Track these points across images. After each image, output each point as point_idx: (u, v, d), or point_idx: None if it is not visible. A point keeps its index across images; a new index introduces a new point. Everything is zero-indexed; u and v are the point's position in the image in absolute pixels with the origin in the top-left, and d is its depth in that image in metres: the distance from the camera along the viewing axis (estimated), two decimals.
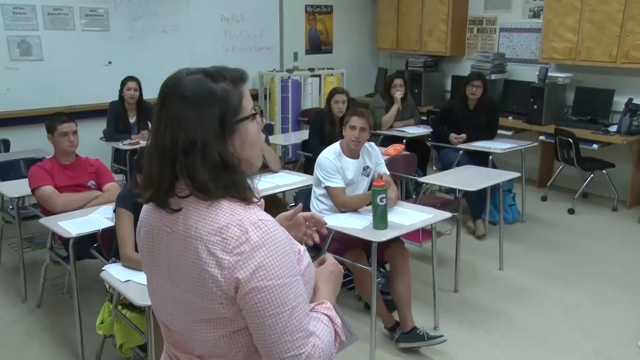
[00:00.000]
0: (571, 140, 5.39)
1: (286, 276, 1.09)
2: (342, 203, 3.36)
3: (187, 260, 1.12)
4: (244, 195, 1.14)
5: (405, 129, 5.59)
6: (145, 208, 1.25)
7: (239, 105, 1.16)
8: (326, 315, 1.23)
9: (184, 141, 1.10)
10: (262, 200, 1.22)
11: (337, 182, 3.36)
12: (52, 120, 3.56)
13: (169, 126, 1.13)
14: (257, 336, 1.11)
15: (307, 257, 1.24)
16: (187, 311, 1.16)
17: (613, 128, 5.53)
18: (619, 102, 5.66)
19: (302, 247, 1.26)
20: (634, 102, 5.41)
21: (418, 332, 3.17)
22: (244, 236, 1.07)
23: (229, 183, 1.12)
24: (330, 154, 3.42)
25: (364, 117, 3.38)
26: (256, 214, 1.12)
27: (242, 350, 1.16)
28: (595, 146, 5.46)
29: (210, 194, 1.11)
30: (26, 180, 3.50)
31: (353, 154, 3.49)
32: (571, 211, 5.51)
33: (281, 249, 1.10)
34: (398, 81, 5.57)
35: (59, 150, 3.55)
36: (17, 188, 3.73)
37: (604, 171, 5.58)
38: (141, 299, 2.35)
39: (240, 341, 1.15)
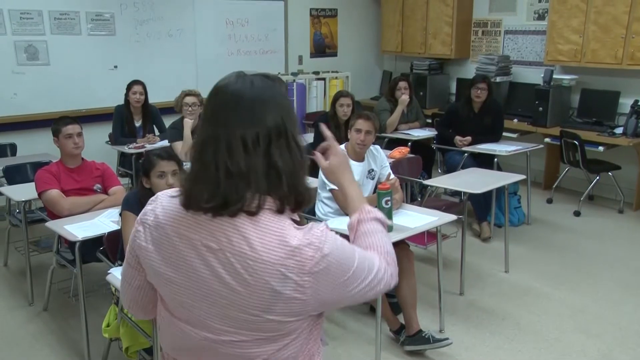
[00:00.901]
0: (577, 143, 5.37)
1: (351, 259, 1.15)
2: (344, 206, 3.35)
3: (251, 284, 1.08)
4: (294, 207, 1.15)
5: (410, 131, 5.59)
6: (170, 213, 1.17)
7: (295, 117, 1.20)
8: (374, 220, 1.30)
9: (255, 146, 1.11)
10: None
11: None
12: (56, 123, 3.59)
13: (243, 132, 1.11)
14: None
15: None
16: (239, 330, 1.13)
17: (619, 130, 5.51)
18: (625, 103, 5.64)
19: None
20: (639, 104, 5.39)
21: (423, 334, 3.17)
22: (318, 254, 1.09)
23: (290, 193, 1.14)
24: None
25: (369, 120, 3.39)
26: (312, 228, 1.13)
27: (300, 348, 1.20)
28: (601, 148, 5.45)
29: (264, 204, 1.10)
30: (33, 184, 3.52)
31: (358, 157, 3.49)
32: (577, 213, 5.49)
33: (340, 243, 1.14)
34: (402, 84, 5.57)
35: (65, 153, 3.57)
36: (24, 192, 3.76)
37: (609, 173, 5.56)
38: None
39: (294, 349, 1.18)
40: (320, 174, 3.45)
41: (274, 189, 1.10)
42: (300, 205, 1.15)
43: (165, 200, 1.21)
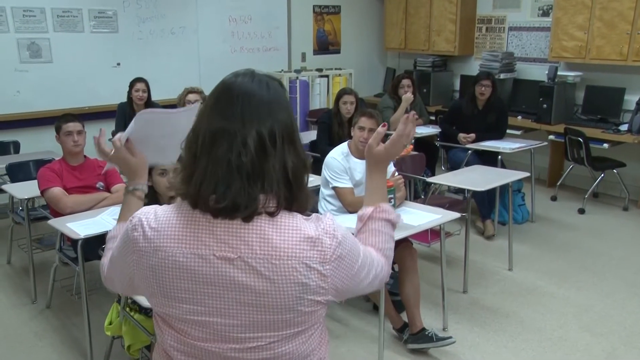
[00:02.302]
0: (581, 140, 5.35)
1: (357, 249, 1.20)
2: (350, 203, 3.34)
3: (278, 283, 1.09)
4: (305, 209, 1.18)
5: None
6: (174, 235, 1.10)
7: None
8: (385, 220, 1.32)
9: (269, 149, 1.11)
10: None
11: (344, 183, 3.35)
12: (58, 120, 3.61)
13: (252, 132, 1.10)
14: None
15: None
16: (267, 334, 1.13)
17: (624, 127, 5.48)
18: (630, 100, 5.61)
19: None
20: None
21: (427, 333, 3.16)
22: (335, 241, 1.12)
23: (299, 196, 1.16)
24: (338, 154, 3.42)
25: (373, 117, 3.38)
26: (322, 218, 1.16)
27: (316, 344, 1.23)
28: (605, 145, 5.42)
29: (280, 206, 1.12)
30: (36, 181, 3.52)
31: (361, 154, 3.47)
32: (581, 211, 5.47)
33: (346, 230, 1.18)
34: (406, 82, 5.55)
35: (65, 151, 3.57)
36: (26, 189, 3.75)
37: (614, 170, 5.53)
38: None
39: (316, 339, 1.22)
40: (323, 171, 3.44)
41: (284, 189, 1.09)
42: (303, 207, 1.15)
43: (151, 221, 1.13)
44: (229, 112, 1.07)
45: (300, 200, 1.13)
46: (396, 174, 3.62)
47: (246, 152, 1.05)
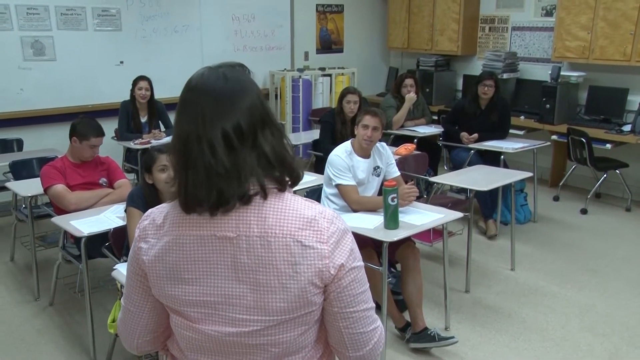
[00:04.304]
0: (584, 140, 5.34)
1: (361, 258, 1.20)
2: (354, 201, 3.34)
3: (273, 261, 1.10)
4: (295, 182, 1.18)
5: (416, 128, 5.57)
6: (176, 221, 1.15)
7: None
8: None
9: (259, 136, 1.12)
10: None
11: (348, 180, 3.35)
12: (85, 127, 3.48)
13: (249, 121, 1.12)
14: (342, 317, 1.18)
15: None
16: (265, 316, 1.13)
17: (627, 127, 5.47)
18: (633, 101, 5.60)
19: None
20: None
21: (429, 332, 3.16)
22: (332, 226, 1.13)
23: (290, 177, 1.16)
24: (342, 152, 3.41)
25: (376, 116, 3.37)
26: (324, 206, 1.19)
27: (313, 343, 1.23)
28: (608, 146, 5.41)
29: (276, 188, 1.13)
30: (39, 179, 3.52)
31: (364, 153, 3.48)
32: (584, 211, 5.46)
33: (355, 245, 1.18)
34: (409, 81, 5.54)
35: (78, 155, 3.55)
36: (30, 187, 3.76)
37: (617, 171, 5.53)
38: None
39: (312, 335, 1.21)
40: (327, 169, 3.44)
41: (270, 173, 1.11)
42: (296, 181, 1.17)
43: (161, 209, 1.20)
44: (192, 115, 1.09)
45: (292, 174, 1.15)
46: (398, 174, 3.63)
47: (215, 154, 1.06)
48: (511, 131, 5.49)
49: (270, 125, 1.13)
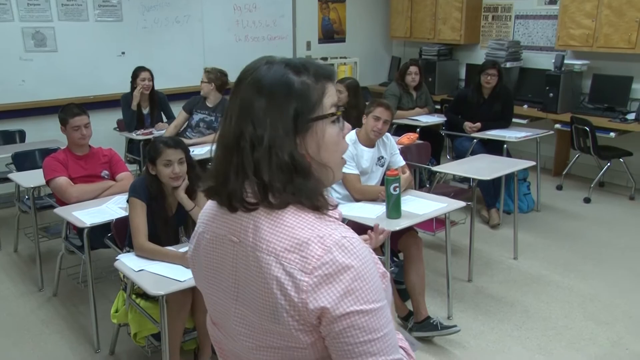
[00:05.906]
0: (587, 129, 5.31)
1: (376, 301, 0.96)
2: (357, 190, 3.34)
3: (256, 278, 0.99)
4: (316, 204, 1.00)
5: (419, 117, 5.55)
6: (207, 213, 1.12)
7: (317, 103, 1.02)
8: (402, 347, 1.08)
9: (251, 134, 0.99)
10: (339, 212, 1.07)
11: (352, 169, 3.34)
12: (63, 112, 3.55)
13: (238, 116, 1.02)
14: None
15: (387, 278, 1.10)
16: (253, 334, 1.04)
17: (631, 116, 5.44)
18: (638, 89, 5.57)
19: (383, 269, 1.09)
20: None
21: (431, 321, 3.16)
22: (327, 256, 0.94)
23: (299, 188, 0.99)
24: (347, 141, 3.40)
25: (389, 109, 3.41)
26: (338, 230, 0.98)
27: None
28: (612, 134, 5.38)
29: (274, 198, 0.98)
30: (41, 170, 3.53)
31: (369, 143, 3.47)
32: (587, 200, 5.45)
33: (368, 271, 0.96)
34: (413, 69, 5.52)
35: (72, 142, 3.57)
36: (32, 178, 3.77)
37: (621, 160, 5.50)
38: (154, 288, 2.36)
39: None
40: None
41: (283, 176, 1.00)
42: (313, 196, 1.02)
43: (206, 205, 1.17)
44: (226, 109, 1.06)
45: (307, 190, 1.00)
46: (404, 163, 3.62)
47: (235, 145, 1.01)
48: (514, 120, 5.46)
49: (303, 131, 1.02)
